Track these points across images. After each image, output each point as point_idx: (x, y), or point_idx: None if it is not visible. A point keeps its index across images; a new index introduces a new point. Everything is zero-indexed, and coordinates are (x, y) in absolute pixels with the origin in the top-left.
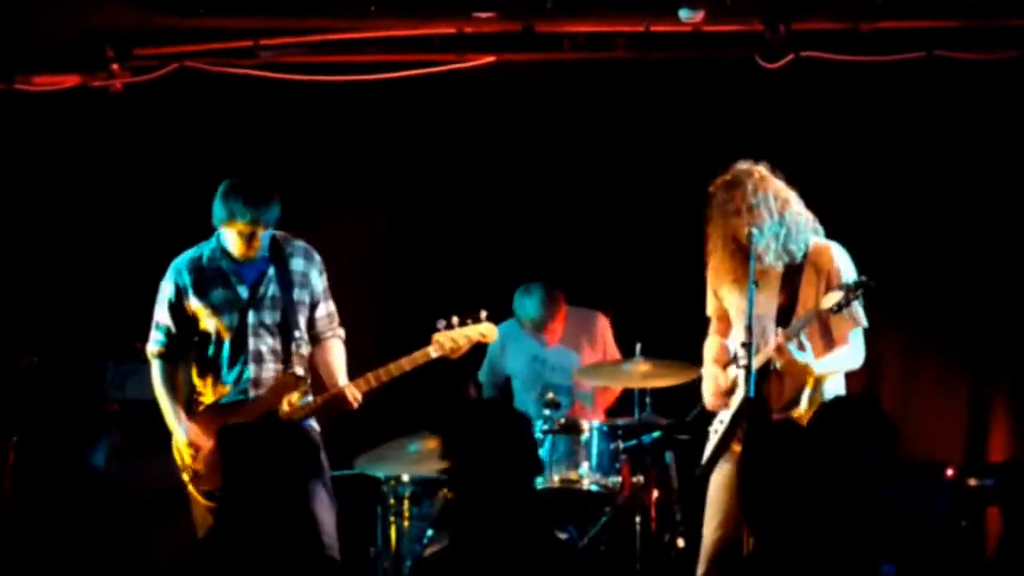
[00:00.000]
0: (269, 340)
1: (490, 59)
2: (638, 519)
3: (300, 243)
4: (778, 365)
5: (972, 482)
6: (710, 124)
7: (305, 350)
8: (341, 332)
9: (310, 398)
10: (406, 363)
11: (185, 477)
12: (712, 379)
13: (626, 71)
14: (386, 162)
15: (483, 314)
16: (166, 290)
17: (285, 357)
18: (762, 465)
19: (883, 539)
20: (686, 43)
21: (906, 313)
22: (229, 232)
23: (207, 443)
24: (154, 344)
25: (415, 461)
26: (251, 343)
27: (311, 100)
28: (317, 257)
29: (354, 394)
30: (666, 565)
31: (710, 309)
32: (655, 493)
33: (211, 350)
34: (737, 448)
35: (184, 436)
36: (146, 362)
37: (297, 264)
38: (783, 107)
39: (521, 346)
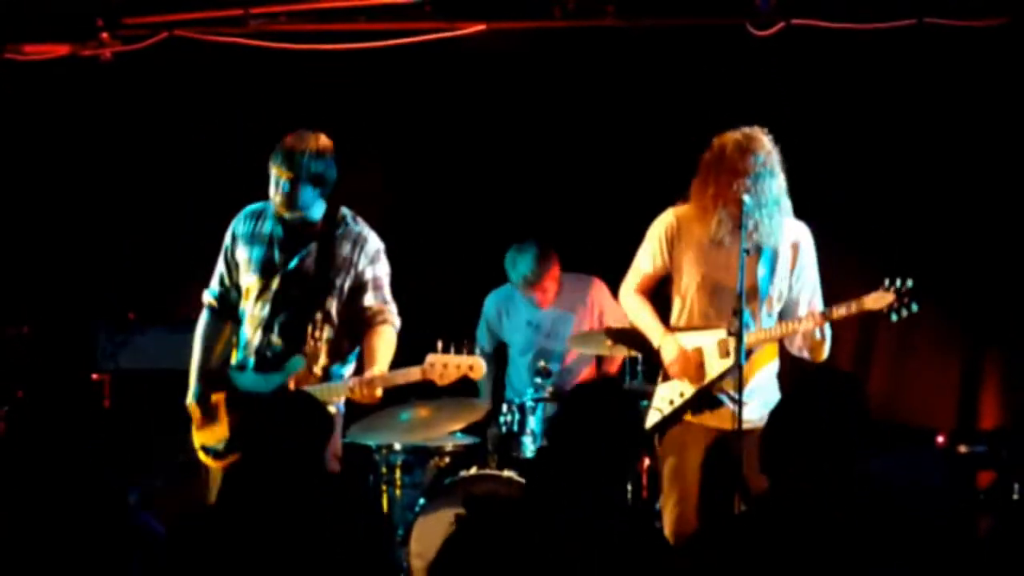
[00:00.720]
0: (284, 313)
1: (481, 27)
2: (629, 487)
3: (358, 227)
4: (796, 345)
5: (963, 449)
6: (701, 91)
7: (327, 334)
8: (395, 320)
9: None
10: (395, 377)
11: (193, 434)
12: (675, 346)
13: (616, 38)
14: (377, 130)
15: (476, 349)
16: (226, 237)
17: (296, 334)
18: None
19: (874, 509)
20: (676, 10)
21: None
22: (271, 179)
23: (201, 412)
24: (208, 294)
25: (407, 430)
26: (267, 310)
27: (301, 69)
28: (372, 245)
29: (372, 392)
30: (657, 532)
31: (648, 266)
32: (646, 461)
33: (241, 303)
34: (694, 420)
35: (194, 397)
36: (138, 332)
37: (344, 249)
38: (774, 74)
39: (517, 311)
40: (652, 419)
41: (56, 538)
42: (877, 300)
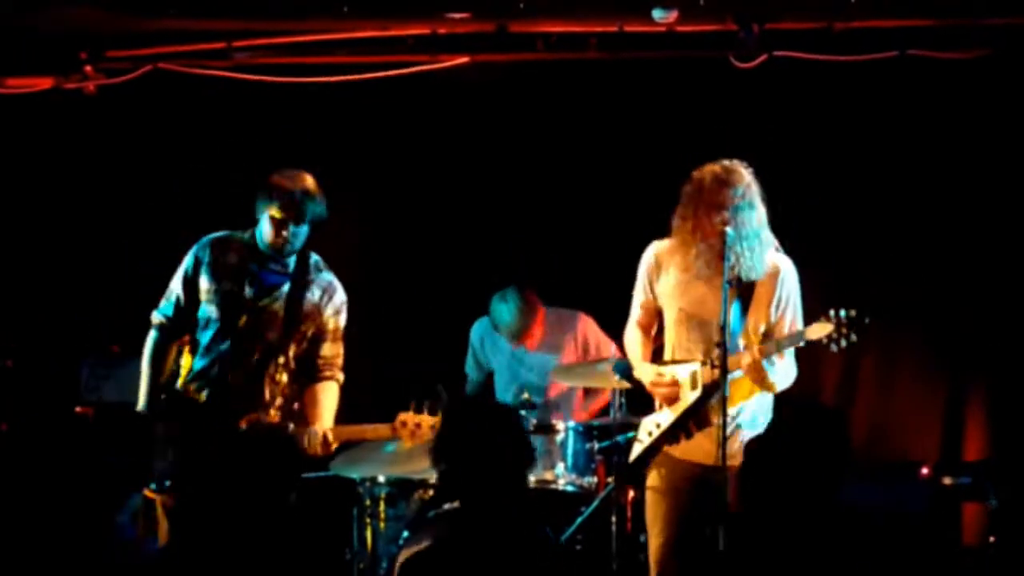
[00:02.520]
0: (249, 350)
1: (464, 59)
2: (614, 519)
3: (328, 276)
4: (738, 375)
5: (947, 481)
6: (684, 124)
7: (284, 378)
8: (340, 376)
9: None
10: (364, 431)
11: None
12: (653, 374)
13: (599, 71)
14: (360, 164)
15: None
16: (186, 261)
17: (254, 373)
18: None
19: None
20: (659, 43)
21: (882, 314)
22: (265, 220)
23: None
24: (158, 313)
25: (391, 462)
26: (229, 345)
27: (284, 102)
28: (339, 297)
29: (329, 439)
30: (642, 565)
31: (640, 298)
32: (631, 493)
33: (198, 331)
34: (673, 453)
35: (143, 407)
36: (121, 365)
37: (313, 294)
38: (757, 107)
39: (499, 344)
40: (635, 451)
41: (41, 563)
42: (817, 330)
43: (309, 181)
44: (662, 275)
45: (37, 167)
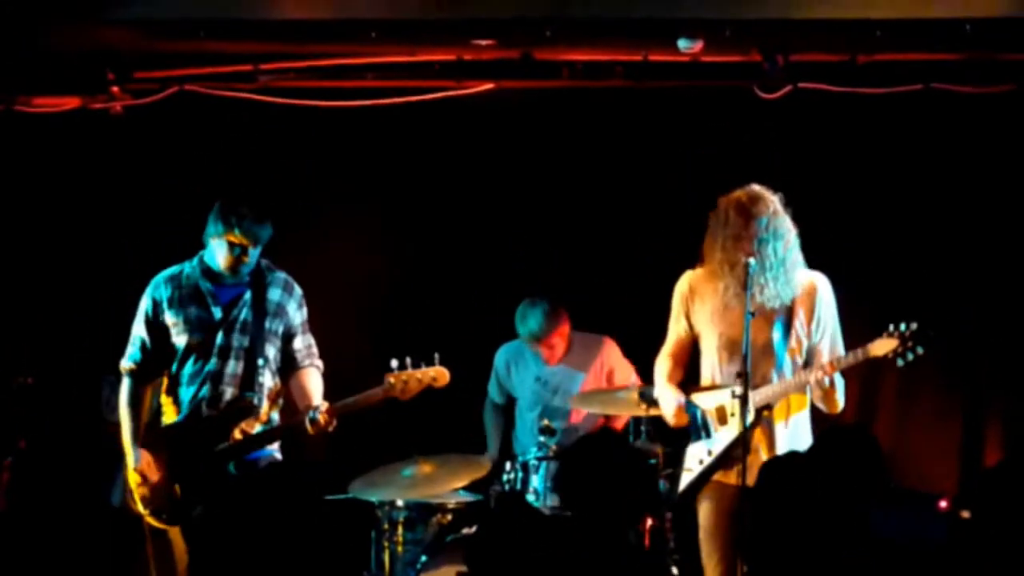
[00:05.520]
0: (232, 363)
1: (489, 86)
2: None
3: (282, 274)
4: (812, 394)
5: (965, 514)
6: (708, 154)
7: (268, 381)
8: (319, 363)
9: (270, 425)
10: (358, 401)
11: (136, 499)
12: (674, 400)
13: (624, 99)
14: (384, 188)
15: (436, 356)
16: (144, 304)
17: (244, 382)
18: (772, 500)
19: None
20: (684, 72)
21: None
22: (220, 245)
23: (155, 474)
24: (128, 360)
25: (409, 486)
26: (214, 363)
27: (310, 125)
28: (298, 291)
29: (324, 418)
30: None
31: (675, 330)
32: (649, 520)
33: (175, 367)
34: (724, 480)
35: (136, 463)
36: None
37: (274, 294)
38: (781, 138)
39: (525, 367)
40: (685, 480)
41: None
42: (882, 346)
43: (258, 206)
44: (698, 302)
45: (63, 186)
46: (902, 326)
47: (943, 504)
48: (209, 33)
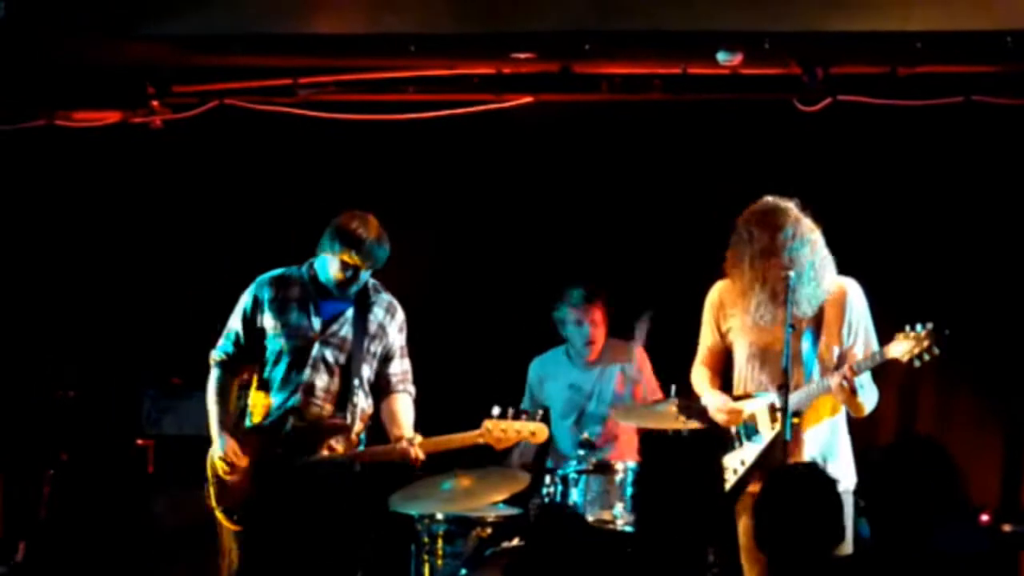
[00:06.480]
0: (326, 377)
1: (528, 99)
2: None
3: (387, 296)
4: (838, 398)
5: (1007, 528)
6: (747, 167)
7: (362, 401)
8: (412, 389)
9: (359, 448)
10: (452, 440)
11: (211, 491)
12: (722, 399)
13: (663, 112)
14: (424, 202)
15: (539, 413)
16: (244, 300)
17: (337, 400)
18: (783, 509)
19: None
20: (724, 85)
21: (941, 355)
22: (333, 261)
23: (242, 461)
24: (219, 351)
25: (448, 499)
26: (307, 374)
27: (350, 138)
28: (400, 314)
29: (417, 453)
30: None
31: (707, 341)
32: None
33: (268, 369)
34: (755, 490)
35: (222, 449)
36: (183, 398)
37: (377, 315)
38: (821, 150)
39: (559, 374)
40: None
41: None
42: (897, 348)
43: (375, 227)
44: (729, 313)
45: (103, 200)
46: (918, 327)
47: (985, 518)
48: (247, 47)
